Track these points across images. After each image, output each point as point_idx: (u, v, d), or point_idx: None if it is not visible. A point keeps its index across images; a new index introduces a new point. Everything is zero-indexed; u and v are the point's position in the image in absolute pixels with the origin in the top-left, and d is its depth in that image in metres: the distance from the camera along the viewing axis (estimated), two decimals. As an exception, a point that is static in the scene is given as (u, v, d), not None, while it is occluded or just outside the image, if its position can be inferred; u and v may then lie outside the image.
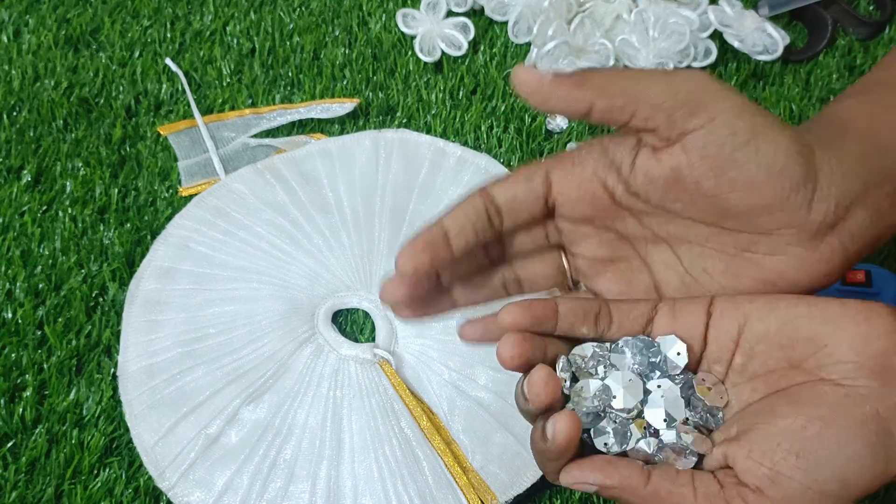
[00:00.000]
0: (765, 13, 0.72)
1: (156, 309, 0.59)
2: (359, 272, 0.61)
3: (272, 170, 0.66)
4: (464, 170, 0.66)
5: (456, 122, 0.69)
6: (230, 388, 0.55)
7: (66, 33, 0.74)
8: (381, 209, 0.63)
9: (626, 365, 0.38)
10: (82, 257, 0.61)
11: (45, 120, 0.69)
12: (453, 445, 0.53)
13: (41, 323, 0.58)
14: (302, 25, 0.75)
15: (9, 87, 0.71)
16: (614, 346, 0.39)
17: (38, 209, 0.63)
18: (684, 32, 0.69)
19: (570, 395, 0.38)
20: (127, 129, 0.68)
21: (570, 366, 0.38)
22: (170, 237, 0.62)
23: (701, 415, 0.38)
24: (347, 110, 0.69)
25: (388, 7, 0.77)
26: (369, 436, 0.54)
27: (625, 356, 0.38)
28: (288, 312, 0.59)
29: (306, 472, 0.53)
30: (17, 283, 0.59)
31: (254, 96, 0.71)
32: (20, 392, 0.55)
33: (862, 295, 0.55)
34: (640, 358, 0.38)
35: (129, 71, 0.72)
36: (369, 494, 0.52)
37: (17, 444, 0.53)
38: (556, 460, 0.37)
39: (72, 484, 0.52)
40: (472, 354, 0.57)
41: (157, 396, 0.55)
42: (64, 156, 0.66)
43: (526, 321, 0.38)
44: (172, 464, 0.53)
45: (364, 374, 0.56)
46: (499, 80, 0.71)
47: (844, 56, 0.72)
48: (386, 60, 0.73)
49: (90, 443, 0.53)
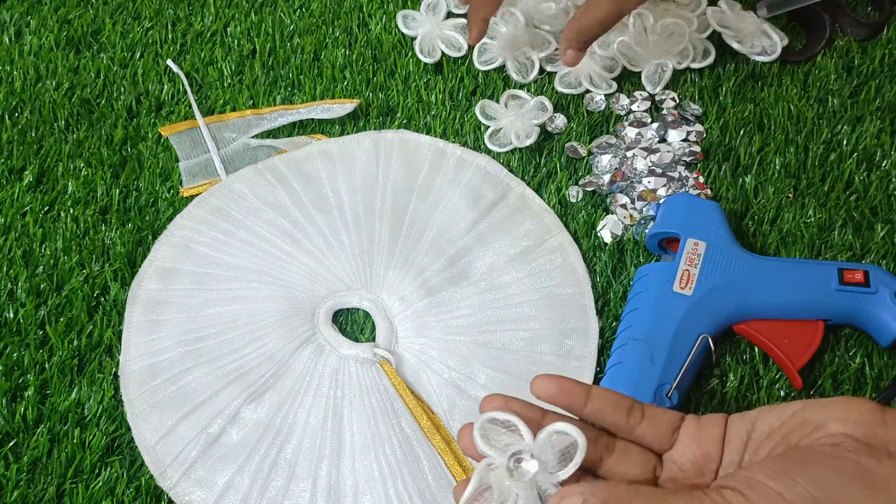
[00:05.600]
0: (763, 14, 0.72)
1: (157, 309, 0.59)
2: (359, 272, 0.61)
3: (273, 170, 0.66)
4: (463, 170, 0.66)
5: (456, 122, 0.69)
6: (231, 388, 0.55)
7: (68, 34, 0.75)
8: (382, 209, 0.64)
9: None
10: (84, 257, 0.61)
11: (46, 121, 0.69)
12: (453, 444, 0.54)
13: (43, 323, 0.58)
14: (302, 27, 0.76)
15: (10, 87, 0.71)
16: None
17: (39, 209, 0.64)
18: (683, 33, 0.69)
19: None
20: (128, 130, 0.68)
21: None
22: (171, 237, 0.62)
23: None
24: (348, 111, 0.69)
25: (389, 8, 0.77)
26: (370, 435, 0.54)
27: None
28: (288, 312, 0.59)
29: (307, 471, 0.53)
30: (19, 283, 0.60)
31: (255, 97, 0.71)
32: (22, 392, 0.55)
33: (861, 294, 0.55)
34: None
35: (130, 72, 0.72)
36: (370, 493, 0.52)
37: (18, 444, 0.54)
38: None
39: (73, 483, 0.52)
40: (471, 354, 0.57)
41: (158, 396, 0.55)
42: (65, 156, 0.67)
43: (553, 392, 0.42)
44: (174, 463, 0.53)
45: (364, 374, 0.56)
46: (498, 80, 0.72)
47: (843, 57, 0.72)
48: (386, 61, 0.73)
49: (91, 442, 0.53)
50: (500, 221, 0.63)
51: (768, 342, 0.55)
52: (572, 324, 0.58)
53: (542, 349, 0.57)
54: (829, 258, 0.61)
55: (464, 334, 0.58)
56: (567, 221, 0.64)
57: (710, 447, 0.42)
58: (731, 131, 0.68)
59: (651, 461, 0.43)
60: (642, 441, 0.43)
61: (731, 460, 0.42)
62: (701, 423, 0.43)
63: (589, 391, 0.43)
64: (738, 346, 0.57)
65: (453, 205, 0.64)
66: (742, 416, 0.43)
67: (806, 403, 0.41)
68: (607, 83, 0.71)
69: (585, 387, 0.43)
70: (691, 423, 0.43)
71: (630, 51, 0.70)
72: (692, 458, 0.42)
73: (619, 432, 0.43)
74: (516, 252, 0.62)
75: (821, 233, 0.62)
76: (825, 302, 0.56)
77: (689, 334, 0.54)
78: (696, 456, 0.42)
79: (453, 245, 0.62)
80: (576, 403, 0.43)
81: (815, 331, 0.55)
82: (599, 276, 0.61)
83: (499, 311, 0.59)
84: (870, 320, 0.55)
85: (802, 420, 0.40)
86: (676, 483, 0.42)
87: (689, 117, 0.69)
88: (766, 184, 0.65)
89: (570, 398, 0.42)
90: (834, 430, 0.39)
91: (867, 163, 0.65)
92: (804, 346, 0.55)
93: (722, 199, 0.64)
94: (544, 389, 0.43)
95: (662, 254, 0.61)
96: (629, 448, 0.43)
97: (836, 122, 0.68)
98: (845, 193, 0.64)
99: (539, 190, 0.65)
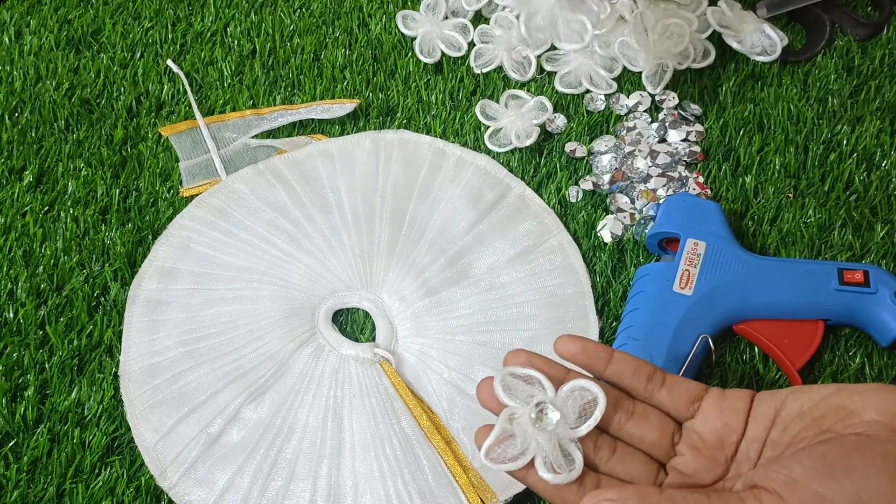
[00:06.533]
0: (763, 14, 0.72)
1: (157, 309, 0.59)
2: (359, 272, 0.61)
3: (273, 170, 0.66)
4: (463, 170, 0.66)
5: (456, 122, 0.69)
6: (231, 388, 0.55)
7: (68, 34, 0.75)
8: (382, 209, 0.64)
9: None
10: (84, 257, 0.61)
11: (46, 121, 0.69)
12: (453, 444, 0.54)
13: (43, 323, 0.58)
14: (302, 27, 0.76)
15: (10, 88, 0.71)
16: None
17: (39, 210, 0.64)
18: (683, 34, 0.69)
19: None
20: (128, 130, 0.68)
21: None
22: (171, 237, 0.62)
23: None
24: (348, 111, 0.69)
25: (388, 9, 0.77)
26: (370, 435, 0.54)
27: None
28: (288, 312, 0.59)
29: (307, 470, 0.53)
30: (19, 283, 0.60)
31: (255, 97, 0.71)
32: (22, 391, 0.55)
33: (861, 294, 0.55)
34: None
35: (130, 72, 0.72)
36: (370, 493, 0.52)
37: (18, 444, 0.54)
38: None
39: (73, 483, 0.52)
40: (471, 354, 0.57)
41: (158, 396, 0.55)
42: (65, 156, 0.67)
43: (576, 352, 0.43)
44: (174, 463, 0.53)
45: (364, 374, 0.56)
46: (498, 80, 0.72)
47: (843, 57, 0.72)
48: (386, 62, 0.73)
49: (91, 442, 0.53)
50: (500, 221, 0.63)
51: (768, 342, 0.55)
52: (572, 324, 0.58)
53: (542, 349, 0.57)
54: (829, 258, 0.61)
55: (464, 334, 0.58)
56: (567, 221, 0.64)
57: (732, 419, 0.42)
58: (730, 131, 0.68)
59: (669, 427, 0.43)
60: (661, 407, 0.43)
61: (755, 434, 0.42)
62: (725, 396, 0.43)
63: (612, 354, 0.43)
64: (738, 346, 0.57)
65: (453, 205, 0.64)
66: (772, 393, 0.43)
67: (839, 388, 0.40)
68: (607, 83, 0.71)
69: (608, 350, 0.43)
70: (715, 394, 0.43)
71: (630, 51, 0.70)
72: (713, 429, 0.42)
73: (637, 397, 0.44)
74: (516, 252, 0.62)
75: (821, 233, 0.62)
76: (825, 302, 0.56)
77: (688, 334, 0.54)
78: (718, 427, 0.42)
79: (453, 245, 0.62)
80: (597, 365, 0.43)
81: (814, 331, 0.55)
82: (599, 276, 0.61)
83: (499, 311, 0.59)
84: (870, 320, 0.55)
85: (837, 404, 0.40)
86: (695, 452, 0.42)
87: (689, 117, 0.69)
88: (766, 184, 0.65)
89: (591, 359, 0.43)
90: (869, 418, 0.38)
91: (867, 163, 0.65)
92: (804, 346, 0.55)
93: (722, 199, 0.64)
94: (567, 348, 0.43)
95: (662, 254, 0.61)
96: (648, 412, 0.43)
97: (836, 122, 0.68)
98: (845, 193, 0.64)
99: (539, 190, 0.65)
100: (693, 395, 0.43)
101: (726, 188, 0.64)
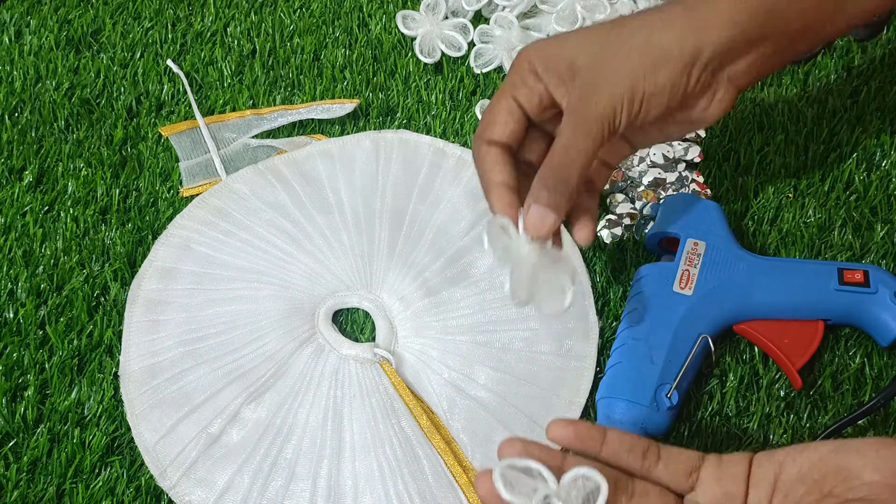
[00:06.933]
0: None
1: (157, 309, 0.59)
2: (359, 272, 0.61)
3: (273, 170, 0.66)
4: (464, 170, 0.66)
5: (456, 122, 0.69)
6: (231, 388, 0.55)
7: (68, 34, 0.75)
8: (382, 209, 0.64)
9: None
10: (84, 257, 0.61)
11: (46, 121, 0.69)
12: (453, 444, 0.54)
13: (43, 323, 0.58)
14: (302, 27, 0.76)
15: (10, 87, 0.71)
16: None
17: (39, 209, 0.64)
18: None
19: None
20: (128, 130, 0.68)
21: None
22: (171, 237, 0.62)
23: None
24: (348, 111, 0.69)
25: (388, 9, 0.77)
26: (370, 435, 0.54)
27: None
28: (288, 312, 0.59)
29: (307, 470, 0.53)
30: (19, 283, 0.60)
31: (254, 97, 0.71)
32: (22, 391, 0.55)
33: (861, 294, 0.55)
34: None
35: (130, 72, 0.72)
36: (370, 493, 0.52)
37: (18, 444, 0.54)
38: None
39: (73, 483, 0.52)
40: (471, 354, 0.57)
41: (158, 396, 0.55)
42: (65, 156, 0.67)
43: (569, 438, 0.42)
44: (174, 463, 0.53)
45: (364, 374, 0.56)
46: (498, 80, 0.72)
47: (843, 57, 0.72)
48: (386, 61, 0.73)
49: (91, 442, 0.53)
50: (500, 221, 0.63)
51: (768, 342, 0.55)
52: (572, 324, 0.58)
53: (542, 349, 0.57)
54: (829, 258, 0.61)
55: (464, 334, 0.58)
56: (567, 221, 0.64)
57: (732, 487, 0.42)
58: (731, 131, 0.68)
59: (670, 502, 0.43)
60: (660, 482, 0.43)
61: (757, 502, 0.42)
62: (722, 463, 0.43)
63: (604, 434, 0.43)
64: (738, 346, 0.57)
65: (453, 205, 0.64)
66: (769, 455, 0.43)
67: (837, 446, 0.41)
68: (607, 83, 0.71)
69: (600, 430, 0.43)
70: (712, 462, 0.43)
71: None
72: (715, 499, 0.42)
73: (635, 474, 0.43)
74: (516, 252, 0.62)
75: (821, 233, 0.62)
76: (825, 302, 0.56)
77: (688, 334, 0.54)
78: (719, 496, 0.42)
79: (453, 245, 0.62)
80: (591, 447, 0.43)
81: (814, 331, 0.55)
82: (599, 276, 0.61)
83: (499, 311, 0.59)
84: (870, 320, 0.55)
85: (836, 465, 0.40)
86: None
87: (689, 117, 0.69)
88: (766, 184, 0.65)
89: (585, 443, 0.43)
90: (869, 479, 0.39)
91: (867, 163, 0.65)
92: (804, 346, 0.55)
93: (722, 199, 0.64)
94: (561, 435, 0.43)
95: (662, 254, 0.61)
96: (648, 490, 0.43)
97: (836, 122, 0.68)
98: (845, 193, 0.64)
99: (539, 190, 0.65)
100: (690, 466, 0.43)
101: (726, 188, 0.64)
